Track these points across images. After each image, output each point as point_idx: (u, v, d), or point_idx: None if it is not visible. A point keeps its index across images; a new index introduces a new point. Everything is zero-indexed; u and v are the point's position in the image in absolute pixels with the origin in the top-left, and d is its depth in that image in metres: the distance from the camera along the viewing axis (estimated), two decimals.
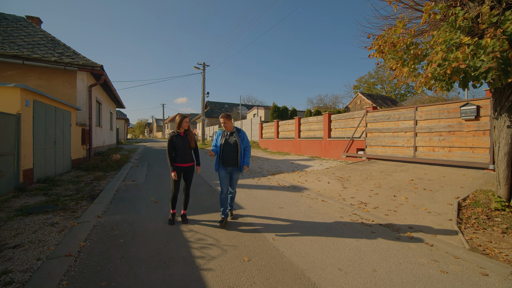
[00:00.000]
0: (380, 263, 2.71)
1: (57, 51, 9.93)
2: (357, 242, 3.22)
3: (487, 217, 3.95)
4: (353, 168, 8.07)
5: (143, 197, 5.18)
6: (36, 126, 6.00)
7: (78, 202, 4.64)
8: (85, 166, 8.45)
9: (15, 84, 5.32)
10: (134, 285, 2.25)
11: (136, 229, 3.52)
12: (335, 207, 4.68)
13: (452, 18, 3.25)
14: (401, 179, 6.34)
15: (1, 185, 4.74)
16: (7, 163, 4.94)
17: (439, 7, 3.34)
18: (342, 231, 3.59)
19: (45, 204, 4.45)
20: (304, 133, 13.78)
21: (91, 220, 3.75)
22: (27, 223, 3.58)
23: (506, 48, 2.91)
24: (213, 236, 3.32)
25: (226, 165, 3.72)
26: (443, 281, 2.42)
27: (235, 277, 2.40)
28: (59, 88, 9.46)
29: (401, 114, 8.34)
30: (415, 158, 7.80)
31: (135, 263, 2.61)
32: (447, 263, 2.76)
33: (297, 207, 4.70)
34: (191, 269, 2.53)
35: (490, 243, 3.22)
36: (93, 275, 2.38)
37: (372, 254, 2.92)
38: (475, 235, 3.43)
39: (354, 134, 10.25)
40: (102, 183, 6.34)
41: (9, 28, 10.49)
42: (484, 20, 3.02)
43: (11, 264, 2.51)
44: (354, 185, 6.22)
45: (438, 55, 3.36)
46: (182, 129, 3.76)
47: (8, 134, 4.99)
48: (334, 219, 4.08)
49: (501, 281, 2.44)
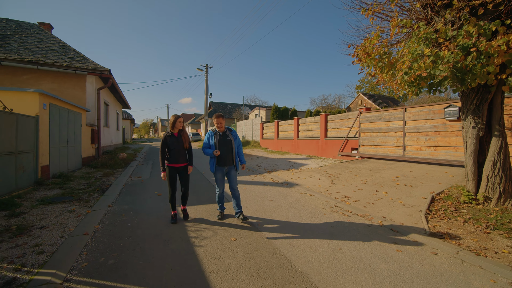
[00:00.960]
0: (346, 244, 3.20)
1: (68, 56, 10.61)
2: (332, 228, 3.70)
3: (455, 209, 4.39)
4: (344, 166, 8.52)
5: (148, 191, 5.74)
6: (51, 127, 6.62)
7: (90, 195, 5.22)
8: (94, 164, 9.08)
9: (34, 89, 5.94)
10: (140, 256, 2.78)
11: (141, 216, 4.06)
12: (320, 200, 5.16)
13: (415, 32, 3.71)
14: (387, 176, 6.78)
15: (23, 179, 5.35)
16: (27, 160, 5.55)
17: (403, 22, 3.79)
18: (321, 219, 4.07)
19: (62, 196, 5.04)
20: (303, 133, 14.23)
21: (103, 209, 4.31)
22: (49, 210, 4.16)
23: (460, 60, 3.36)
24: (207, 222, 3.85)
25: (222, 165, 3.80)
26: (396, 257, 2.90)
27: (222, 251, 2.92)
28: (70, 91, 10.12)
29: (391, 115, 8.75)
30: (404, 156, 8.20)
31: (141, 241, 3.15)
32: (405, 244, 3.23)
33: (285, 200, 5.19)
34: (186, 245, 3.06)
35: (449, 230, 3.66)
36: (106, 248, 2.92)
37: (342, 237, 3.40)
38: (438, 224, 3.88)
39: (348, 134, 10.67)
40: (110, 179, 6.93)
41: (23, 35, 11.21)
42: (440, 35, 3.47)
43: (40, 240, 3.08)
44: (342, 181, 6.68)
45: (405, 64, 3.82)
46: (176, 129, 3.76)
47: (29, 134, 5.60)
48: (316, 210, 4.56)
49: (446, 258, 2.90)
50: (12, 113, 4.93)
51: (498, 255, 2.94)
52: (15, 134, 5.02)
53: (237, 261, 2.73)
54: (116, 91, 14.52)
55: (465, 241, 3.30)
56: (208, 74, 24.01)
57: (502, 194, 4.18)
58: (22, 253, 2.75)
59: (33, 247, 2.89)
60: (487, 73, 3.44)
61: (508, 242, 3.24)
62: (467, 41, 3.28)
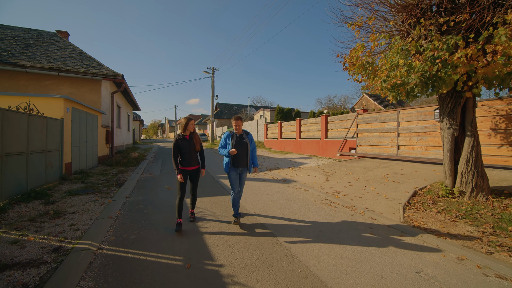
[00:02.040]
0: (327, 228, 3.76)
1: (84, 63, 11.48)
2: (318, 217, 4.26)
3: (432, 202, 4.87)
4: (341, 165, 9.01)
5: (159, 186, 6.42)
6: (73, 128, 7.40)
7: (109, 188, 5.94)
8: (109, 162, 9.87)
9: (59, 95, 6.72)
10: (155, 233, 3.42)
11: (154, 205, 4.72)
12: (312, 195, 5.72)
13: (391, 45, 4.23)
14: (378, 174, 7.26)
15: (51, 174, 6.11)
16: (54, 158, 6.32)
17: (382, 36, 4.32)
18: (310, 209, 4.64)
19: (85, 189, 5.76)
20: (304, 133, 14.74)
21: (121, 199, 5.00)
22: (76, 200, 4.87)
23: (428, 69, 3.87)
24: (210, 209, 4.47)
25: (237, 166, 3.82)
26: (367, 239, 3.44)
27: (220, 228, 3.53)
28: (87, 95, 10.97)
29: (386, 116, 9.20)
30: (398, 156, 8.64)
31: (155, 223, 3.80)
32: (379, 229, 3.76)
33: (281, 194, 5.77)
34: (193, 226, 3.68)
35: (421, 219, 4.17)
36: (128, 228, 3.58)
37: (325, 223, 3.96)
38: (413, 214, 4.39)
39: (347, 134, 11.14)
40: (125, 175, 7.67)
41: (44, 44, 12.17)
42: (411, 49, 3.99)
43: (74, 221, 3.76)
44: (336, 178, 7.20)
45: (383, 73, 4.36)
46: (188, 131, 3.74)
47: (55, 135, 6.37)
48: (308, 202, 5.13)
49: (410, 239, 3.42)
50: (44, 116, 5.70)
51: (458, 239, 3.44)
52: (45, 135, 5.78)
53: (234, 237, 3.34)
54: (128, 94, 15.39)
55: (432, 227, 3.80)
56: (214, 76, 24.77)
57: (474, 189, 4.64)
58: (62, 230, 3.44)
59: (69, 226, 3.57)
60: (453, 81, 3.94)
61: (469, 228, 3.74)
62: (434, 54, 3.79)
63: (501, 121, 6.39)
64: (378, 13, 4.48)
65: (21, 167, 4.84)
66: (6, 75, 9.77)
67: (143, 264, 2.65)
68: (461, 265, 2.77)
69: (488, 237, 3.47)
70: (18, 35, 12.18)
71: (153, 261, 2.72)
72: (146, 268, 2.58)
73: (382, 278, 2.51)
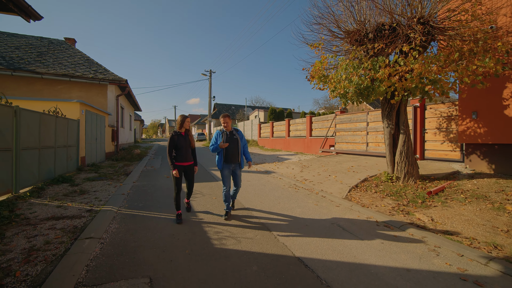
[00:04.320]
0: (285, 200, 5.06)
1: (92, 69, 12.77)
2: (281, 195, 5.57)
3: (375, 185, 6.17)
4: (318, 160, 10.32)
5: (159, 175, 7.73)
6: (86, 128, 8.70)
7: (119, 176, 7.24)
8: (115, 157, 11.17)
9: (76, 100, 8.02)
10: (157, 203, 4.73)
11: (156, 187, 6.03)
12: (284, 181, 7.03)
13: (338, 63, 5.53)
14: (345, 166, 8.56)
15: (70, 165, 7.42)
16: (73, 152, 7.62)
17: (330, 56, 5.62)
18: (277, 191, 5.94)
19: (99, 177, 7.07)
20: (293, 132, 16.04)
21: (130, 183, 6.30)
22: (94, 184, 6.18)
23: (361, 83, 5.17)
24: (199, 190, 5.78)
25: (229, 162, 3.96)
26: (314, 207, 4.73)
27: (205, 202, 4.84)
28: (94, 98, 12.26)
29: (358, 117, 10.50)
30: (367, 152, 9.94)
31: (157, 198, 5.10)
32: (324, 202, 5.06)
33: (259, 181, 7.07)
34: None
35: (359, 196, 5.47)
36: (137, 200, 4.89)
37: (286, 198, 5.27)
38: (355, 193, 5.69)
39: (327, 133, 12.45)
40: (130, 168, 8.98)
41: (56, 51, 13.46)
42: (348, 67, 5.30)
43: (96, 196, 5.07)
44: (309, 170, 8.50)
45: (332, 85, 5.66)
46: (184, 129, 3.90)
47: (74, 133, 7.67)
48: (279, 186, 6.43)
49: (344, 207, 4.73)
50: (66, 118, 7.00)
51: (377, 208, 4.75)
52: (66, 133, 7.09)
53: (214, 205, 4.65)
54: (130, 96, 16.69)
55: (363, 201, 5.11)
56: (211, 79, 26.06)
57: (406, 175, 5.94)
58: (89, 200, 4.75)
59: (94, 198, 4.88)
60: (382, 91, 5.25)
61: (390, 202, 5.04)
62: (363, 72, 5.10)
63: (443, 122, 7.69)
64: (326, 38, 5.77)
65: (51, 158, 6.14)
66: (24, 81, 11.06)
67: (148, 217, 3.96)
68: (365, 220, 4.08)
69: (400, 206, 4.78)
70: (32, 44, 13.48)
71: (155, 216, 4.02)
72: (151, 219, 3.88)
73: (306, 226, 3.81)
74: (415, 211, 4.49)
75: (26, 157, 5.07)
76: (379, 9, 4.97)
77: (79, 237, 3.16)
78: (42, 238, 3.13)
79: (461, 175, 6.28)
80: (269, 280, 2.39)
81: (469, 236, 3.48)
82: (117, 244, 3.04)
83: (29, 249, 2.84)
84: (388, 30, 5.11)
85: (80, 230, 3.42)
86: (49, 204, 4.44)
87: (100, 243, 3.04)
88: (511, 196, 4.79)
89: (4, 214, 3.70)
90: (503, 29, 5.68)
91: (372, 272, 2.55)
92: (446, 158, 7.59)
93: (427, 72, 4.44)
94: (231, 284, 2.31)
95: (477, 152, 6.60)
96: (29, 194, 4.82)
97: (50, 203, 4.49)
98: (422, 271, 2.59)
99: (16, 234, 3.23)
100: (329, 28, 5.55)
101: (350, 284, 2.35)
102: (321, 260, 2.79)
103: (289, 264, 2.69)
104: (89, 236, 3.16)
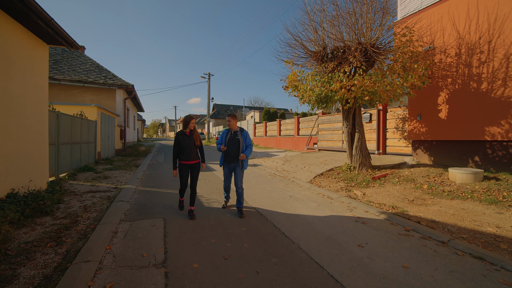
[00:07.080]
0: (263, 183, 6.61)
1: (102, 75, 14.32)
2: (261, 180, 7.12)
3: (337, 173, 7.72)
4: (301, 155, 11.87)
5: (164, 167, 9.29)
6: (101, 127, 10.26)
7: (131, 168, 8.81)
8: (123, 154, 12.74)
9: (94, 104, 9.58)
10: (164, 184, 6.28)
11: (162, 175, 7.59)
12: (267, 172, 8.58)
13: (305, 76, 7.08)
14: (321, 160, 10.10)
15: (90, 158, 8.98)
16: (92, 147, 9.18)
17: (298, 71, 7.16)
18: (259, 178, 7.50)
19: (115, 168, 8.63)
20: (283, 131, 17.59)
21: (141, 172, 7.87)
22: (113, 172, 7.74)
23: (320, 93, 6.72)
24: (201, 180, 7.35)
25: (229, 162, 4.10)
26: (282, 187, 6.28)
27: (203, 186, 6.40)
28: (104, 101, 13.80)
29: (336, 118, 12.05)
30: (342, 148, 11.49)
31: (164, 181, 6.66)
32: (292, 184, 6.61)
33: (246, 171, 8.61)
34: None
35: (320, 181, 7.02)
36: (149, 182, 6.45)
37: (264, 182, 6.82)
38: (318, 179, 7.24)
39: (311, 132, 14.00)
40: (138, 161, 10.55)
41: (69, 59, 15.01)
42: (311, 80, 6.84)
43: (117, 179, 6.63)
44: (290, 163, 10.05)
45: (300, 93, 7.21)
46: (188, 129, 4.00)
47: (92, 131, 9.23)
48: (261, 175, 7.99)
49: (304, 188, 6.28)
50: (88, 119, 8.56)
51: (330, 188, 6.29)
52: (87, 131, 8.64)
53: (208, 184, 6.21)
54: (135, 99, 18.25)
55: (322, 184, 6.66)
56: (210, 81, 27.60)
57: (360, 165, 7.49)
58: (113, 182, 6.30)
59: (116, 181, 6.44)
60: (336, 100, 6.80)
61: (342, 184, 6.58)
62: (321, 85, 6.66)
63: (400, 123, 9.24)
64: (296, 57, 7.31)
65: (77, 151, 7.70)
66: None
67: (158, 192, 5.52)
68: (316, 194, 5.64)
69: (347, 187, 6.32)
70: (49, 53, 15.00)
71: (163, 192, 5.58)
72: (160, 194, 5.44)
73: (271, 197, 5.36)
74: (356, 190, 6.04)
75: (62, 150, 6.63)
76: (333, 37, 6.52)
77: (114, 200, 4.72)
78: (90, 201, 4.69)
79: (406, 165, 7.84)
80: (236, 219, 3.95)
81: (382, 202, 5.03)
82: (140, 204, 4.61)
83: (84, 206, 4.40)
84: (341, 52, 6.66)
85: (113, 198, 4.98)
86: (84, 184, 6.00)
87: (128, 204, 4.60)
88: (432, 179, 6.36)
89: (57, 188, 5.26)
90: (436, 49, 7.26)
91: (300, 217, 4.11)
92: (402, 152, 9.14)
93: (365, 86, 6.00)
94: (212, 219, 3.87)
95: (421, 147, 8.15)
96: (67, 177, 6.38)
97: (84, 184, 6.05)
98: (333, 216, 4.15)
99: (70, 199, 4.79)
100: (298, 50, 7.10)
101: (285, 223, 3.90)
102: (271, 211, 4.35)
103: (250, 211, 4.26)
104: (120, 200, 4.72)
